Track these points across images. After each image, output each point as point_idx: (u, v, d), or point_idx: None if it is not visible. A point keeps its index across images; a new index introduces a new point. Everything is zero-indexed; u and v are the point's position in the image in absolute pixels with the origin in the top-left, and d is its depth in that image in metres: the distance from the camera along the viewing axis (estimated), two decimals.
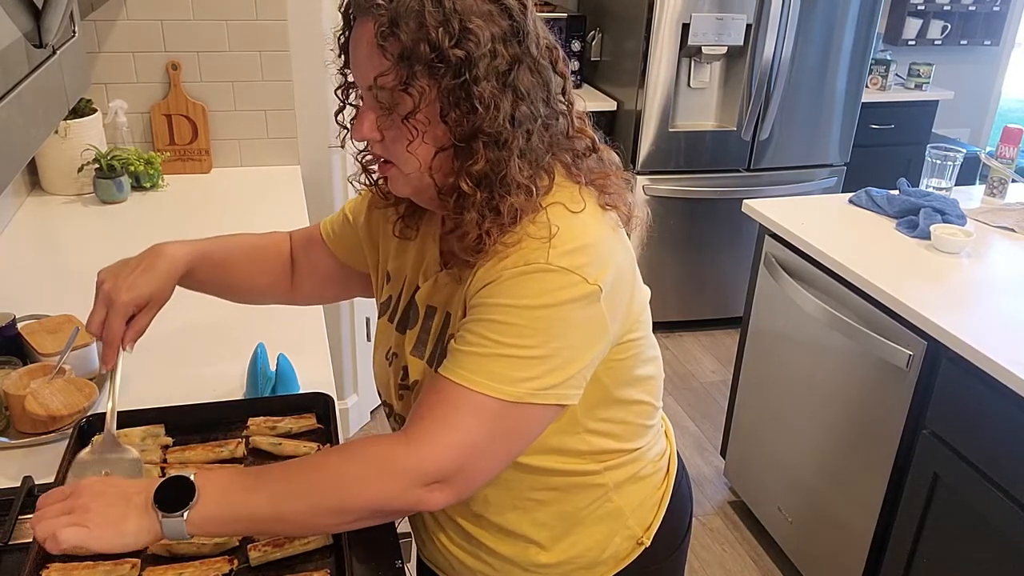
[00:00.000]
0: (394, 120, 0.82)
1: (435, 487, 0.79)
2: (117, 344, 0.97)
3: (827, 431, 1.97)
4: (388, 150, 0.85)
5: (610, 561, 1.00)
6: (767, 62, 3.06)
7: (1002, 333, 1.56)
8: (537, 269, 0.80)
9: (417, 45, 0.77)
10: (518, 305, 0.80)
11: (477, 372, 0.80)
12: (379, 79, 0.79)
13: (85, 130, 2.01)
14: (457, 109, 0.80)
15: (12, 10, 0.81)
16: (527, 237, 0.82)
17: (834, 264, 1.87)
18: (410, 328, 0.95)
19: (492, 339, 0.80)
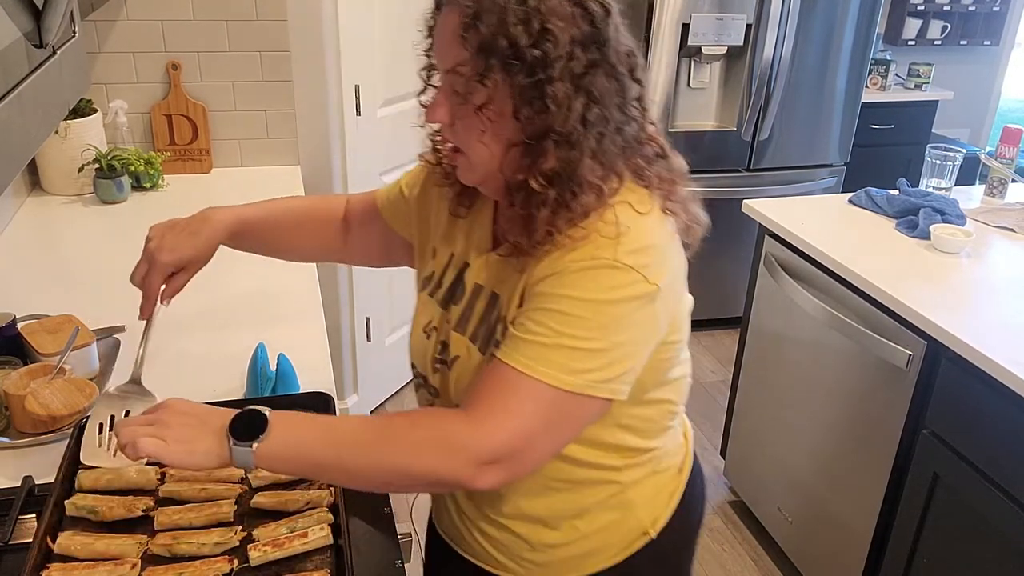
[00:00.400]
0: (467, 109, 0.84)
1: (490, 467, 0.81)
2: (154, 297, 1.04)
3: (827, 431, 1.98)
4: (458, 137, 0.88)
5: (614, 548, 1.02)
6: (767, 62, 3.06)
7: (1002, 333, 1.56)
8: (604, 264, 0.83)
9: (496, 40, 0.80)
10: (583, 298, 0.82)
11: (539, 360, 0.82)
12: (457, 67, 0.83)
13: (85, 130, 2.01)
14: (529, 107, 0.82)
15: (12, 10, 0.81)
16: (595, 232, 0.84)
17: (834, 264, 1.87)
18: (455, 304, 0.97)
19: (556, 329, 0.82)
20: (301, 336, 1.44)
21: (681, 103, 3.19)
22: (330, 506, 0.98)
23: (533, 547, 1.00)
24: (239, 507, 0.98)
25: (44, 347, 1.26)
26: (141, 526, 0.95)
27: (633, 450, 0.98)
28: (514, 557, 1.02)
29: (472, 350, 0.93)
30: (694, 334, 1.04)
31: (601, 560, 1.02)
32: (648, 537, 1.03)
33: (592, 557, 1.02)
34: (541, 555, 1.01)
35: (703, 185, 3.25)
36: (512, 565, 1.02)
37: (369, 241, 1.16)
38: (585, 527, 1.00)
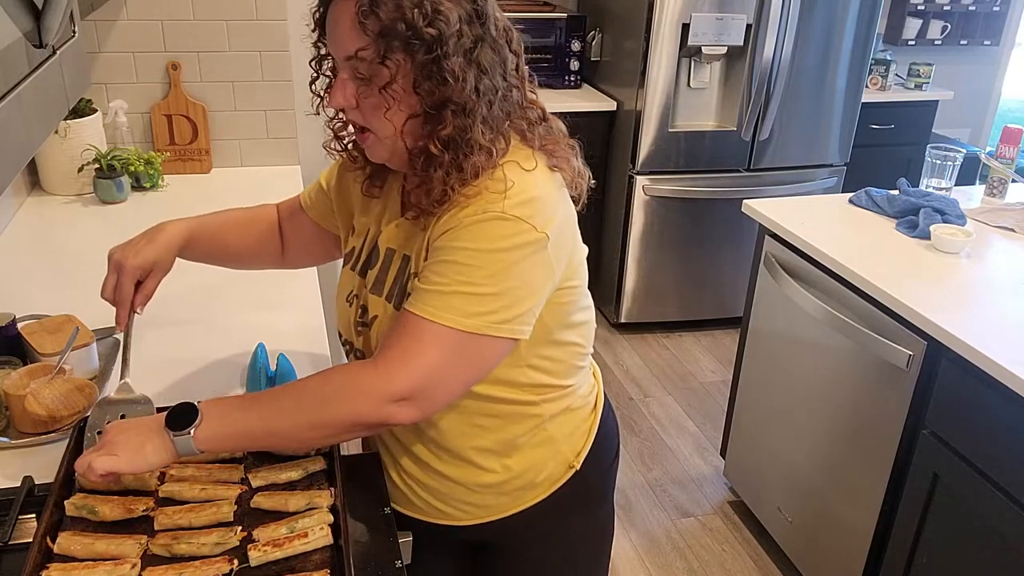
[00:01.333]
0: (371, 90, 0.92)
1: (402, 404, 0.90)
2: (128, 305, 1.11)
3: (827, 431, 1.98)
4: (365, 117, 0.96)
5: (545, 483, 1.12)
6: (767, 62, 3.06)
7: (1002, 333, 1.56)
8: (493, 217, 0.91)
9: (395, 24, 0.87)
10: (476, 248, 0.91)
11: (439, 307, 0.91)
12: (359, 53, 0.90)
13: (85, 130, 2.01)
14: (429, 81, 0.90)
15: (12, 10, 0.81)
16: (485, 190, 0.93)
17: (834, 264, 1.87)
18: (370, 269, 1.06)
19: (452, 278, 0.91)
20: (301, 336, 1.44)
21: (681, 103, 3.19)
22: (330, 507, 0.98)
23: (471, 489, 1.10)
24: (239, 507, 0.98)
25: (44, 347, 1.26)
26: (141, 526, 0.95)
27: (546, 387, 1.07)
28: (454, 503, 1.11)
29: (388, 308, 1.03)
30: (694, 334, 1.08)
31: (534, 495, 1.12)
32: (573, 469, 1.13)
33: (526, 493, 1.11)
34: (478, 496, 1.11)
35: (703, 185, 3.25)
36: (453, 511, 1.12)
37: (301, 240, 1.26)
38: (516, 465, 1.09)
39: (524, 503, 1.12)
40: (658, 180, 3.21)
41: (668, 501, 2.51)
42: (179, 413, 0.91)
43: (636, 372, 3.17)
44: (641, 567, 2.26)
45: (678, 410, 2.95)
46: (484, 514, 1.12)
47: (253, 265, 1.33)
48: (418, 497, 1.13)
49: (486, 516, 1.12)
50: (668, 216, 3.27)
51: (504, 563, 1.19)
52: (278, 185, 2.16)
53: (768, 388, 2.22)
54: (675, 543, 2.35)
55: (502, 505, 1.12)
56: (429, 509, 1.13)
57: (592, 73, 3.48)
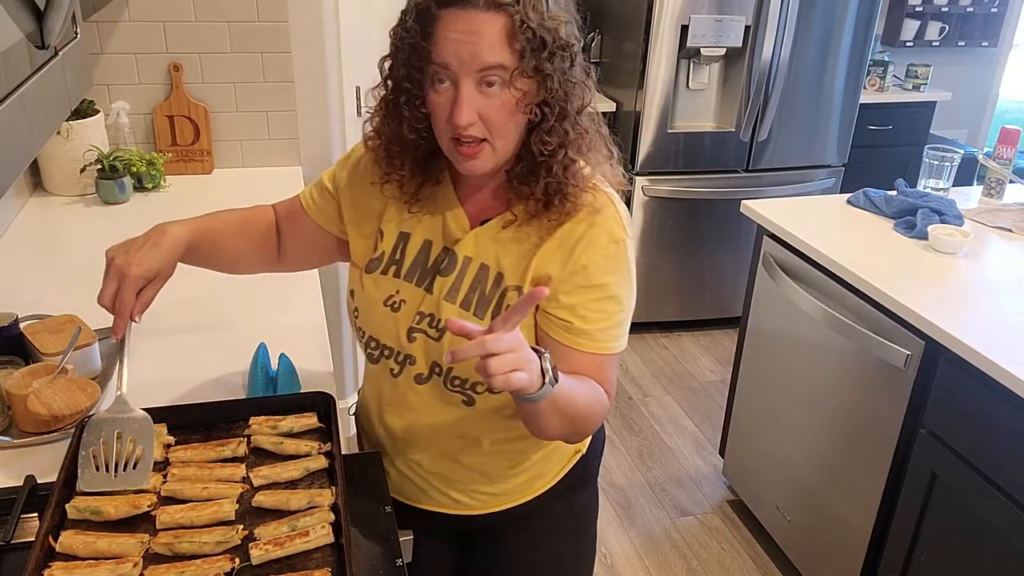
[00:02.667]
0: (503, 102, 0.92)
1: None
2: (128, 314, 1.04)
3: (825, 431, 1.98)
4: (489, 129, 0.94)
5: (555, 469, 1.18)
6: (765, 63, 3.07)
7: (999, 333, 1.56)
8: (622, 244, 1.00)
9: (542, 37, 0.90)
10: (620, 279, 1.01)
11: (611, 339, 1.02)
12: (498, 67, 0.90)
13: (87, 131, 2.02)
14: (564, 91, 0.93)
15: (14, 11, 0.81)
16: (601, 209, 0.99)
17: (832, 264, 1.88)
18: (442, 276, 1.05)
19: (610, 311, 1.00)
20: (302, 336, 1.45)
21: (680, 104, 3.20)
22: (331, 505, 0.99)
23: (491, 481, 1.14)
24: (240, 506, 0.98)
25: (46, 347, 1.26)
26: (143, 525, 0.95)
27: None
28: (472, 493, 1.15)
29: (465, 316, 1.03)
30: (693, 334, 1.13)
31: (545, 482, 1.17)
32: (580, 454, 1.20)
33: (538, 480, 1.17)
34: (496, 487, 1.15)
35: (702, 186, 3.26)
36: (468, 500, 1.16)
37: (300, 243, 1.21)
38: (535, 454, 1.14)
39: (536, 490, 1.17)
40: (657, 181, 3.21)
41: (667, 500, 2.52)
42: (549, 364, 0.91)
43: (635, 372, 3.17)
44: (640, 566, 2.26)
45: (677, 410, 2.96)
46: (498, 503, 1.16)
47: (248, 269, 1.25)
48: (433, 488, 1.16)
49: (500, 505, 1.16)
50: (667, 216, 3.28)
51: (499, 543, 1.23)
52: (279, 186, 2.16)
53: (767, 388, 2.22)
54: (674, 542, 2.35)
55: (516, 493, 1.16)
56: (446, 501, 1.16)
57: None
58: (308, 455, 1.07)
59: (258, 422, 1.11)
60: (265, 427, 1.10)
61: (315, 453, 1.07)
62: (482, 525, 1.19)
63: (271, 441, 1.08)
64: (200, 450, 1.06)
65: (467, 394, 1.06)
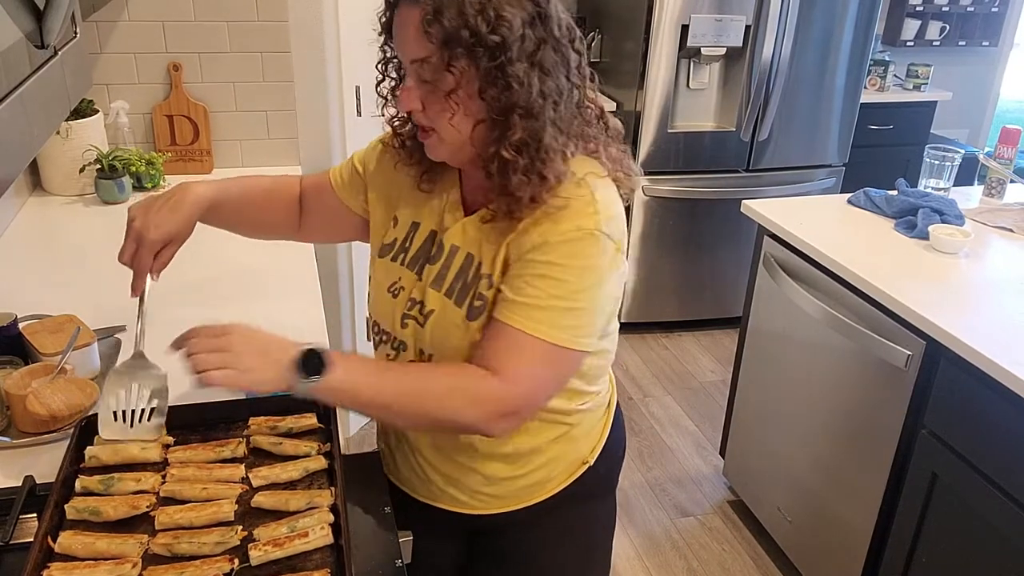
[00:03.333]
0: (437, 95, 0.93)
1: (507, 417, 0.96)
2: (146, 273, 1.09)
3: (826, 431, 1.98)
4: (431, 120, 0.96)
5: (560, 476, 1.15)
6: (766, 63, 3.07)
7: (1000, 333, 1.56)
8: (588, 235, 0.94)
9: (458, 31, 0.88)
10: (570, 265, 0.94)
11: (534, 319, 0.94)
12: (424, 60, 0.90)
13: (87, 131, 2.02)
14: (494, 87, 0.91)
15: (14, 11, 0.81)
16: (574, 202, 0.95)
17: (833, 264, 1.87)
18: (430, 264, 1.06)
19: (548, 292, 0.94)
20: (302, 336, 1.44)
21: (680, 104, 3.19)
22: (331, 506, 0.99)
23: (490, 482, 1.12)
24: (240, 507, 0.98)
25: (45, 347, 1.26)
26: (142, 525, 0.95)
27: (581, 393, 1.10)
28: (471, 493, 1.14)
29: (447, 304, 1.03)
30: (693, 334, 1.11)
31: (548, 488, 1.15)
32: (587, 465, 1.17)
33: (541, 487, 1.14)
34: (497, 488, 1.13)
35: (703, 185, 3.26)
36: (468, 500, 1.14)
37: (322, 217, 1.25)
38: (537, 460, 1.12)
39: (538, 496, 1.15)
40: (658, 180, 3.21)
41: (667, 501, 2.51)
42: (310, 358, 0.91)
43: (636, 372, 3.17)
44: (641, 567, 2.26)
45: (677, 410, 2.96)
46: (499, 505, 1.15)
47: (268, 235, 1.31)
48: (433, 484, 1.15)
49: (500, 507, 1.15)
50: (667, 216, 3.28)
51: (505, 548, 1.21)
52: None
53: (767, 388, 2.22)
54: (675, 543, 2.35)
55: (517, 498, 1.14)
56: (444, 497, 1.15)
57: None
58: (307, 456, 1.07)
59: (257, 422, 1.11)
60: (264, 427, 1.10)
61: (314, 454, 1.07)
62: (485, 526, 1.18)
63: (270, 441, 1.08)
64: (199, 451, 1.06)
65: None
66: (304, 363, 0.91)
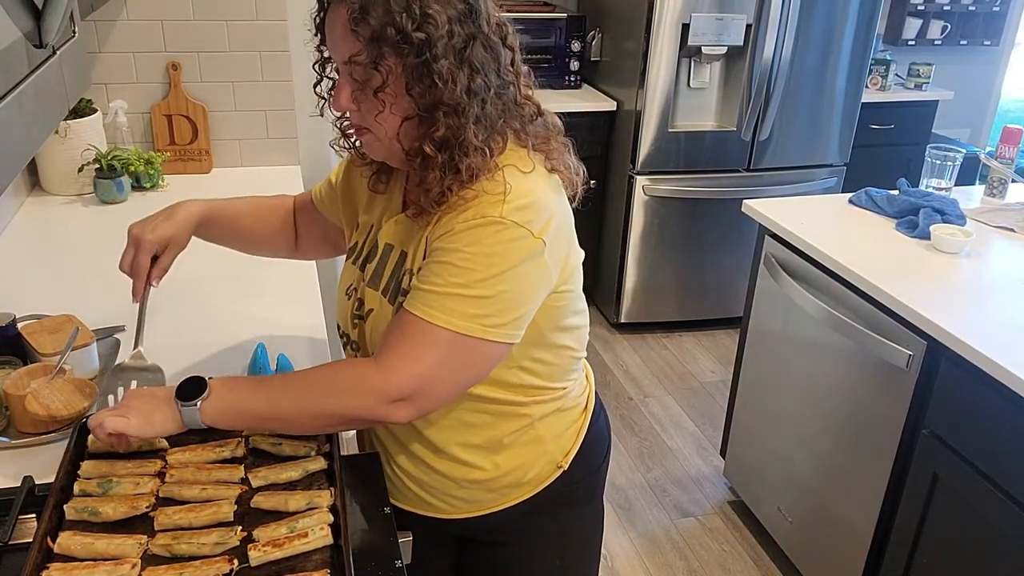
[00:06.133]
0: (367, 93, 0.93)
1: (400, 404, 0.94)
2: (144, 277, 1.15)
3: (827, 431, 1.98)
4: (363, 119, 0.97)
5: (533, 482, 1.14)
6: (767, 62, 3.06)
7: (1002, 333, 1.56)
8: (491, 222, 0.92)
9: (384, 29, 0.88)
10: (472, 252, 0.93)
11: (435, 307, 0.93)
12: (352, 58, 0.91)
13: (85, 130, 2.01)
14: (420, 84, 0.91)
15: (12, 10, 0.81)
16: (483, 193, 0.94)
17: (834, 264, 1.87)
18: (369, 263, 1.09)
19: (448, 280, 0.93)
20: (301, 336, 1.44)
21: (681, 103, 3.19)
22: (330, 506, 0.98)
23: (459, 484, 1.12)
24: (239, 507, 0.98)
25: (44, 347, 1.26)
26: (141, 526, 0.95)
27: (537, 388, 1.09)
28: (443, 496, 1.13)
29: (383, 303, 1.04)
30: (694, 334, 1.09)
31: (522, 492, 1.14)
32: (561, 469, 1.15)
33: (514, 490, 1.13)
34: (467, 491, 1.13)
35: (703, 185, 3.25)
36: (442, 504, 1.14)
37: (312, 234, 1.29)
38: (504, 463, 1.11)
39: (511, 500, 1.14)
40: (658, 180, 3.21)
41: (668, 501, 2.51)
42: (190, 386, 0.96)
43: (636, 372, 3.17)
44: (641, 567, 2.26)
45: (678, 410, 2.95)
46: (471, 509, 1.14)
47: (266, 252, 1.34)
48: (408, 489, 1.15)
49: (473, 511, 1.14)
50: (668, 216, 3.28)
51: (491, 557, 1.21)
52: (278, 185, 2.15)
53: (768, 388, 2.22)
54: (675, 543, 2.35)
55: (489, 501, 1.14)
56: (419, 502, 1.15)
57: (592, 73, 3.48)
58: (307, 456, 1.06)
59: None
60: None
61: (314, 454, 1.07)
62: (465, 533, 1.18)
63: (269, 442, 1.07)
64: (198, 451, 1.05)
65: None
66: (183, 391, 0.95)
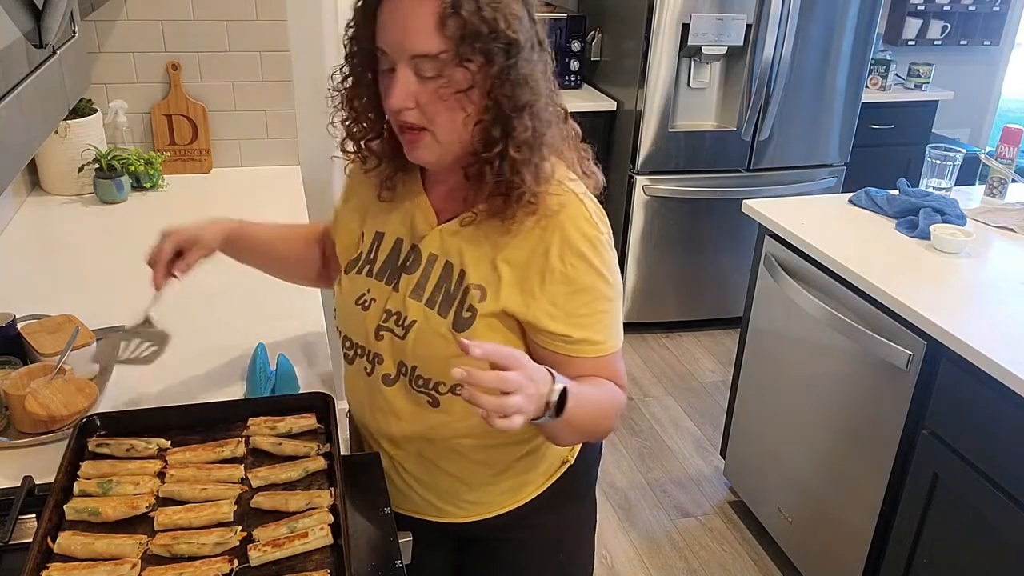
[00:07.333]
0: (439, 92, 0.90)
1: None
2: (163, 263, 1.13)
3: (827, 431, 1.98)
4: (427, 117, 0.92)
5: (541, 478, 1.15)
6: (767, 62, 3.06)
7: (1002, 333, 1.56)
8: (596, 240, 0.97)
9: (477, 27, 0.87)
10: (606, 275, 0.97)
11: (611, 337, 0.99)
12: (440, 55, 0.87)
13: (85, 130, 2.01)
14: (506, 85, 0.89)
15: (12, 10, 0.81)
16: (568, 206, 0.96)
17: (834, 264, 1.87)
18: (407, 274, 1.04)
19: (603, 310, 0.98)
20: (301, 336, 1.44)
21: (681, 103, 3.19)
22: (330, 507, 0.98)
23: (472, 488, 1.12)
24: (239, 507, 0.98)
25: (44, 347, 1.26)
26: (141, 526, 0.95)
27: None
28: (454, 501, 1.13)
29: (429, 314, 1.01)
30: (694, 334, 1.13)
31: (530, 491, 1.14)
32: (568, 464, 1.16)
33: (523, 489, 1.14)
34: (478, 494, 1.12)
35: (703, 185, 3.25)
36: (451, 509, 1.13)
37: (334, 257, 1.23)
38: (517, 463, 1.11)
39: (520, 499, 1.14)
40: (658, 180, 3.21)
41: (668, 501, 2.51)
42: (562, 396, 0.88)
43: (636, 372, 3.17)
44: (641, 567, 2.26)
45: (678, 410, 2.95)
46: (481, 511, 1.14)
47: (292, 277, 1.31)
48: (417, 495, 1.14)
49: (483, 513, 1.14)
50: (668, 216, 3.27)
51: (492, 555, 1.20)
52: (278, 185, 2.17)
53: (768, 388, 2.22)
54: (675, 543, 2.35)
55: (499, 502, 1.13)
56: (427, 507, 1.14)
57: (592, 73, 3.48)
58: (307, 456, 1.06)
59: (257, 423, 1.11)
60: (264, 428, 1.10)
61: (314, 454, 1.07)
62: (468, 534, 1.17)
63: (270, 442, 1.07)
64: (198, 451, 1.05)
65: (431, 395, 1.04)
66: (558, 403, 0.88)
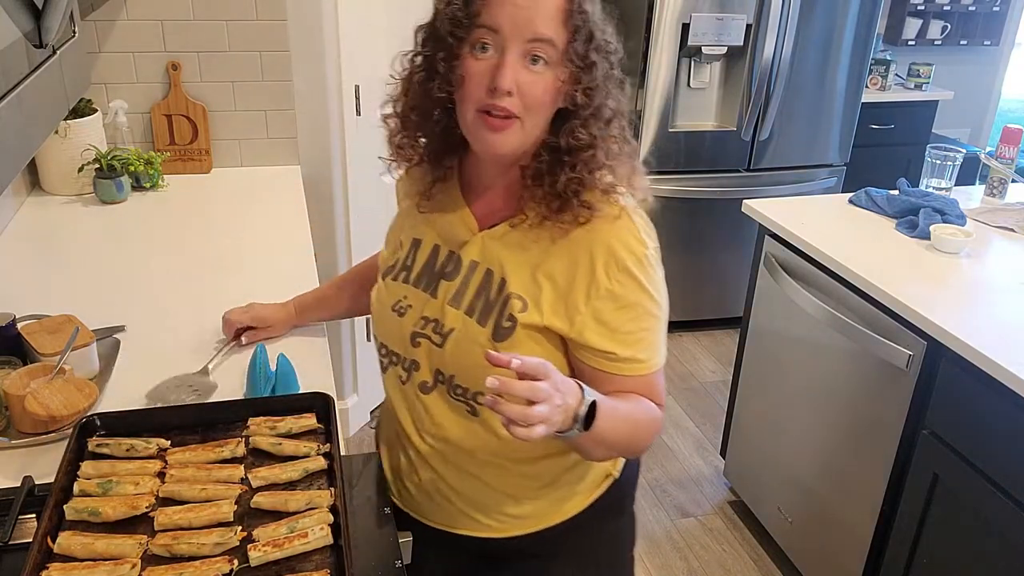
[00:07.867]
0: (544, 82, 0.91)
1: None
2: (232, 325, 1.37)
3: (827, 431, 1.98)
4: (524, 104, 0.92)
5: (585, 491, 1.12)
6: (767, 62, 3.06)
7: (1002, 333, 1.56)
8: (644, 256, 0.97)
9: (592, 30, 0.92)
10: (652, 292, 0.97)
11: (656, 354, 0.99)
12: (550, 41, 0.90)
13: (85, 130, 2.01)
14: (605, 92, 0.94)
15: (12, 10, 0.81)
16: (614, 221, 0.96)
17: (834, 264, 1.87)
18: (447, 280, 1.03)
19: (648, 327, 0.98)
20: (301, 336, 1.44)
21: (681, 103, 3.19)
22: (330, 506, 0.98)
23: (518, 501, 1.08)
24: (239, 507, 0.98)
25: (44, 347, 1.26)
26: (141, 526, 0.95)
27: None
28: (494, 514, 1.09)
29: (468, 322, 0.99)
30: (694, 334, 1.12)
31: (573, 505, 1.11)
32: (612, 478, 1.14)
33: (566, 503, 1.10)
34: (522, 508, 1.08)
35: (703, 185, 3.25)
36: (489, 521, 1.09)
37: None
38: (563, 475, 1.09)
39: (564, 514, 1.10)
40: (658, 180, 3.21)
41: (668, 501, 2.51)
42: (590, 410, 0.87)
43: None
44: (641, 567, 2.26)
45: (678, 410, 2.95)
46: (524, 526, 1.09)
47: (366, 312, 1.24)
48: (453, 507, 1.10)
49: (525, 528, 1.10)
50: (668, 216, 3.27)
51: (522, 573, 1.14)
52: (278, 185, 2.17)
53: (768, 388, 2.22)
54: (675, 543, 2.35)
55: (542, 515, 1.10)
56: (460, 518, 1.10)
57: None
58: (307, 456, 1.06)
59: (257, 423, 1.10)
60: (264, 428, 1.10)
61: (314, 454, 1.07)
62: (506, 550, 1.11)
63: (270, 442, 1.07)
64: (198, 451, 1.05)
65: (470, 404, 1.02)
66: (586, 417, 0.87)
